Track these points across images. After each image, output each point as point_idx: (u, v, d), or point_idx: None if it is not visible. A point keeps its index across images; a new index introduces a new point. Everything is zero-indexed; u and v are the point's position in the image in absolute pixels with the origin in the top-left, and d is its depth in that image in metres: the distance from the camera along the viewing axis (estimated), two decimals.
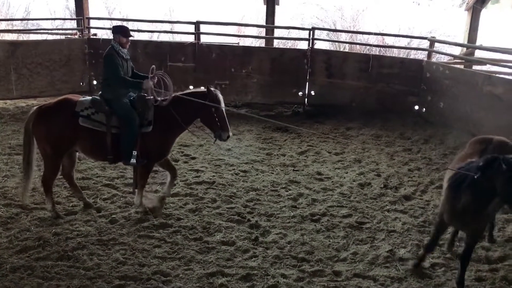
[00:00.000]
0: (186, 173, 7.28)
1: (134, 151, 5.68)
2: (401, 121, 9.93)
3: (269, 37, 11.91)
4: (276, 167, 7.69)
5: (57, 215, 5.82)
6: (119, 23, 14.17)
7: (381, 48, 13.56)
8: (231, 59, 10.77)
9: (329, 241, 5.54)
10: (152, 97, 5.74)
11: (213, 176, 7.18)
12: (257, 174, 7.37)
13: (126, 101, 5.76)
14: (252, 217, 5.98)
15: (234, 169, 7.49)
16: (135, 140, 5.66)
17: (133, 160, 5.70)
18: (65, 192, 6.51)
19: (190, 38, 11.18)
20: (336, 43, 14.82)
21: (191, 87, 10.96)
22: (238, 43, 11.90)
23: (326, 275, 4.89)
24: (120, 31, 5.80)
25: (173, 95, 5.81)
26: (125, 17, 14.91)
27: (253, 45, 13.90)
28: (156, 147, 5.82)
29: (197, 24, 10.94)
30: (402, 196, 6.77)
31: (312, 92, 10.82)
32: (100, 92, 5.87)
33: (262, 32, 12.93)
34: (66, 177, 6.11)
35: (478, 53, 11.28)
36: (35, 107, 5.78)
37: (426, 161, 8.17)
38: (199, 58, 10.83)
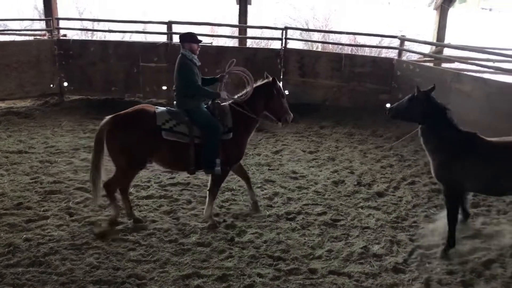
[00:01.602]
0: (160, 174, 7.21)
1: (217, 159, 5.62)
2: (373, 119, 10.06)
3: (242, 37, 11.93)
4: (251, 167, 7.70)
5: (113, 224, 5.61)
6: (86, 23, 13.97)
7: (353, 47, 13.73)
8: (204, 59, 10.64)
9: (305, 239, 5.58)
10: (228, 102, 5.78)
11: (188, 177, 7.13)
12: (232, 174, 7.34)
13: (205, 109, 5.71)
14: (228, 218, 5.98)
15: None
16: (218, 149, 5.61)
17: (217, 168, 5.64)
18: (36, 197, 6.38)
19: (163, 38, 11.09)
20: (309, 43, 14.92)
21: (164, 87, 10.94)
22: (211, 43, 11.86)
23: (302, 273, 4.92)
24: (191, 39, 5.73)
25: (243, 93, 5.84)
26: (96, 18, 14.66)
27: (226, 45, 13.90)
28: (235, 152, 5.83)
29: (169, 24, 10.87)
30: (375, 193, 6.88)
31: (286, 92, 10.83)
32: (176, 102, 5.77)
33: (236, 32, 12.92)
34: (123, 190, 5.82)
35: (447, 51, 11.54)
36: (108, 117, 5.51)
37: (398, 158, 8.32)
38: (172, 58, 10.70)
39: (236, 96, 5.87)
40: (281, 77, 10.76)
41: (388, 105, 5.58)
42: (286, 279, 4.81)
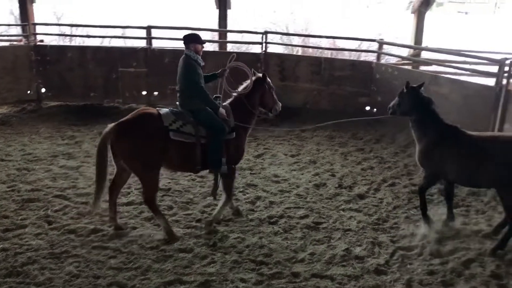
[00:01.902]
0: None
1: (223, 158, 5.70)
2: (353, 122, 10.10)
3: (222, 41, 11.92)
4: None
5: (172, 232, 5.55)
6: (64, 28, 13.78)
7: (332, 51, 13.83)
8: None
9: (287, 242, 5.58)
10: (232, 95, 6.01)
11: (169, 183, 7.09)
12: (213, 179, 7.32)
13: (209, 110, 5.73)
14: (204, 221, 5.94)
15: (190, 175, 7.40)
16: (223, 148, 5.69)
17: (224, 167, 5.73)
18: (13, 205, 6.25)
19: (142, 43, 11.01)
20: (289, 47, 14.98)
21: (144, 92, 10.86)
22: None
23: (285, 277, 4.92)
24: (195, 40, 5.76)
25: (244, 87, 6.03)
26: (74, 23, 14.48)
27: (206, 49, 13.85)
28: (239, 149, 5.98)
29: (148, 28, 10.79)
30: (356, 195, 6.92)
31: None
32: (178, 103, 5.78)
33: (216, 36, 12.91)
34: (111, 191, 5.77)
35: (425, 54, 11.71)
36: (112, 124, 5.45)
37: (378, 160, 8.39)
38: (151, 63, 10.69)
39: (239, 89, 6.04)
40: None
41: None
42: (269, 283, 4.80)
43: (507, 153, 5.21)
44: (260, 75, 6.17)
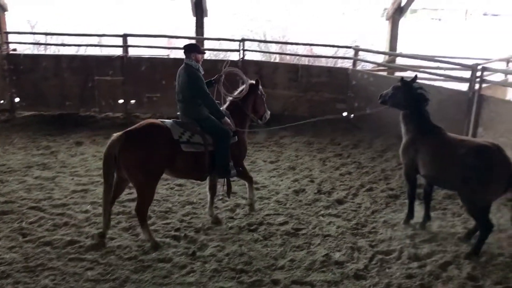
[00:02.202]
0: None
1: (230, 163, 5.86)
2: (331, 128, 10.21)
3: None
4: None
5: (156, 243, 5.49)
6: (38, 37, 13.57)
7: (309, 58, 13.95)
8: (161, 72, 10.63)
9: (267, 250, 5.57)
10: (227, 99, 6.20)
11: None
12: (192, 187, 7.28)
13: (213, 117, 5.87)
14: (189, 232, 5.89)
15: (168, 184, 7.35)
16: (229, 153, 5.85)
17: (233, 172, 5.91)
18: None
19: (119, 51, 10.91)
20: (267, 54, 15.06)
21: (120, 100, 10.75)
22: (168, 55, 11.78)
23: (265, 284, 4.90)
24: (195, 49, 5.84)
25: (239, 91, 6.24)
26: (48, 31, 14.27)
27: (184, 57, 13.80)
28: (242, 151, 6.24)
29: (124, 37, 10.70)
30: (335, 200, 6.96)
31: None
32: (182, 112, 5.84)
33: None
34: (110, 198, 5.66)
35: (400, 60, 11.91)
36: (118, 133, 5.38)
37: (356, 165, 8.47)
38: (127, 71, 10.59)
39: (235, 94, 6.25)
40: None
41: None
42: None
43: (469, 157, 5.32)
44: (253, 81, 6.39)
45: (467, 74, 8.47)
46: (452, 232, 5.97)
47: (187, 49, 5.86)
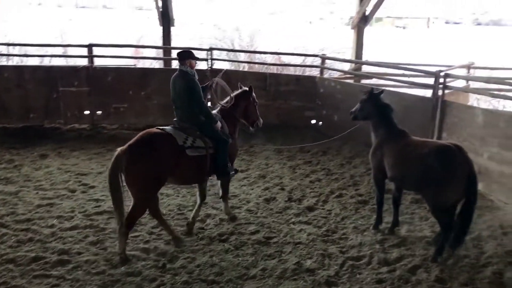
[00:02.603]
0: (85, 203, 6.89)
1: (229, 164, 6.17)
2: (300, 135, 10.29)
3: (167, 58, 11.82)
4: (182, 190, 7.56)
5: (125, 258, 5.40)
6: (3, 48, 13.22)
7: (278, 66, 14.06)
8: (128, 82, 10.49)
9: (238, 259, 5.53)
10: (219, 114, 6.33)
11: None
12: (162, 199, 7.15)
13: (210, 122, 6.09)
14: (159, 244, 5.80)
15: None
16: (228, 154, 6.12)
17: (232, 172, 6.27)
18: None
19: (84, 62, 10.72)
20: (235, 63, 15.09)
21: (86, 112, 10.55)
22: (135, 65, 11.66)
23: None
24: (189, 56, 5.96)
25: (228, 98, 6.47)
26: (11, 42, 13.91)
27: (153, 66, 13.70)
28: (234, 153, 6.54)
29: (89, 47, 10.52)
30: (306, 208, 6.99)
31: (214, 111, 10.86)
32: (180, 118, 5.95)
33: (161, 53, 12.79)
34: (155, 213, 5.83)
35: (366, 68, 12.13)
36: (122, 148, 5.33)
37: (326, 172, 8.54)
38: (93, 82, 10.41)
39: (222, 102, 6.49)
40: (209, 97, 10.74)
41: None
42: None
43: (430, 157, 5.47)
44: (247, 88, 6.67)
45: (430, 80, 8.69)
46: (420, 236, 6.08)
47: (182, 56, 5.97)
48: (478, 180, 5.47)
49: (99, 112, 10.61)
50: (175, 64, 13.08)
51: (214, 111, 6.29)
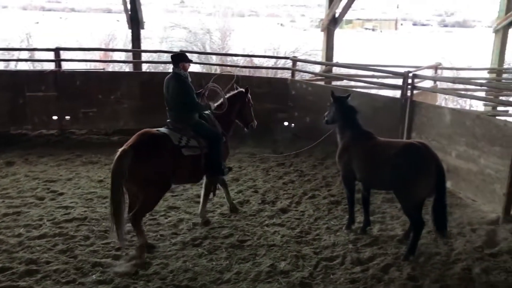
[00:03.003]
0: (53, 211, 6.71)
1: (223, 162, 6.38)
2: (273, 138, 10.31)
3: (136, 62, 11.67)
4: None
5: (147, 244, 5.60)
6: None
7: (250, 69, 14.06)
8: (97, 86, 10.31)
9: (212, 264, 5.48)
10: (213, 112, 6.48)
11: (85, 211, 6.73)
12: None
13: (203, 121, 6.28)
14: (131, 251, 5.69)
15: (108, 202, 7.07)
16: (222, 153, 6.35)
17: (226, 170, 6.43)
18: None
19: (51, 66, 10.46)
20: (207, 65, 15.02)
21: (54, 117, 10.31)
22: (103, 68, 11.46)
23: None
24: (183, 59, 6.12)
25: (221, 101, 6.60)
26: None
27: (123, 70, 13.51)
28: (227, 152, 6.73)
29: (56, 50, 10.29)
30: (279, 210, 7.00)
31: None
32: (174, 119, 6.08)
33: (131, 56, 12.64)
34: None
35: (336, 70, 12.26)
36: (123, 149, 5.35)
37: (298, 173, 8.57)
38: (61, 86, 10.16)
39: (215, 104, 6.58)
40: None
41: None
42: None
43: (397, 156, 5.58)
44: (243, 89, 6.89)
45: (399, 81, 8.83)
46: (392, 235, 6.17)
47: (175, 58, 6.12)
48: (445, 174, 5.58)
49: (67, 117, 10.37)
50: (145, 67, 12.97)
51: (207, 112, 6.44)
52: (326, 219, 6.70)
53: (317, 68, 12.98)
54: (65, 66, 10.60)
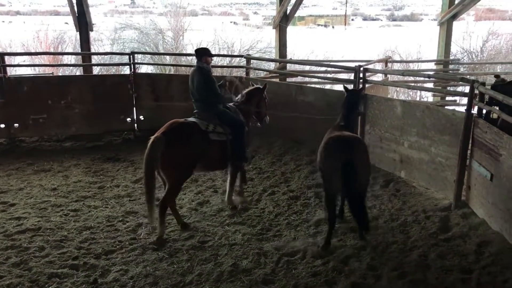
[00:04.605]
0: (5, 223, 6.42)
1: (247, 149, 6.76)
2: None
3: (86, 65, 11.36)
4: (111, 200, 7.30)
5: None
6: None
7: None
8: (46, 91, 9.95)
9: (173, 267, 5.41)
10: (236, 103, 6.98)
11: (39, 221, 6.48)
12: (89, 211, 6.88)
13: (228, 111, 6.70)
14: (89, 259, 5.54)
15: (62, 210, 6.87)
16: (245, 140, 6.70)
17: (249, 157, 6.87)
18: None
19: None
20: (162, 66, 14.84)
21: (2, 125, 9.89)
22: (52, 73, 11.09)
23: None
24: (206, 53, 6.60)
25: (242, 93, 7.20)
26: None
27: (73, 73, 13.11)
28: (249, 140, 6.98)
29: (1, 55, 9.85)
30: (240, 208, 6.99)
31: (141, 117, 10.61)
32: (201, 110, 6.50)
33: (80, 60, 12.30)
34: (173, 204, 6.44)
35: (290, 66, 12.37)
36: (156, 136, 5.80)
37: (257, 170, 8.59)
38: (8, 93, 9.74)
39: (236, 98, 7.10)
40: (134, 102, 10.47)
41: None
42: None
43: (319, 149, 5.85)
44: (261, 86, 7.38)
45: (352, 76, 9.00)
46: (351, 227, 6.27)
47: (199, 53, 6.59)
48: (355, 171, 5.43)
49: (16, 125, 9.95)
50: (96, 71, 12.64)
51: (230, 104, 6.88)
52: (286, 215, 6.75)
53: (272, 66, 13.04)
54: (12, 72, 10.16)
